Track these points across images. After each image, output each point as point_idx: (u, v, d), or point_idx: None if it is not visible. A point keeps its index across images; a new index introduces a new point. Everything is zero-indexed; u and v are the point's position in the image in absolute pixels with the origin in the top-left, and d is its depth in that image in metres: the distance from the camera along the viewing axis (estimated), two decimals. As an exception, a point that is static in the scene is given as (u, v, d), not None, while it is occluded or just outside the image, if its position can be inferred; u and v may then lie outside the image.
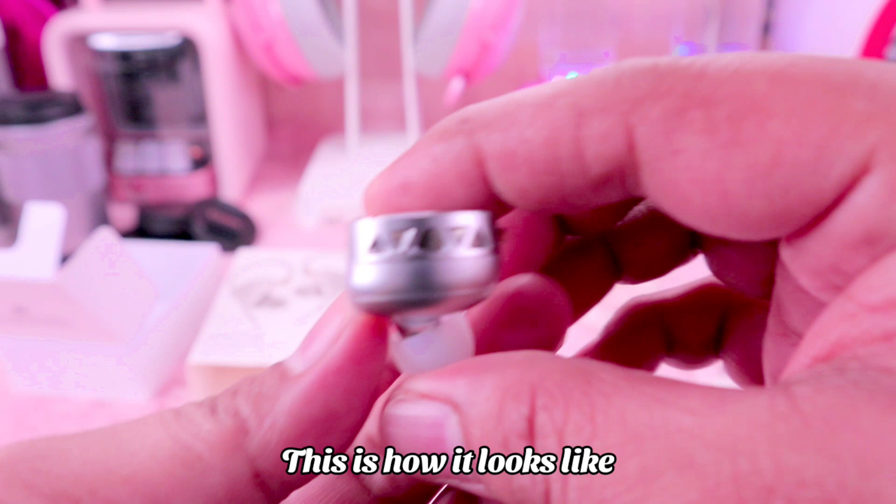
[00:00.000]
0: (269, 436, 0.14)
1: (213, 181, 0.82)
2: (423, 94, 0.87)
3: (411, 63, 0.78)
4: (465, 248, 0.14)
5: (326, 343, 0.15)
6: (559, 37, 0.82)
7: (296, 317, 0.53)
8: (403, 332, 0.16)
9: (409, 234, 0.14)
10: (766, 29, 0.89)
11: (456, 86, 0.77)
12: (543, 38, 0.83)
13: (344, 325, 0.15)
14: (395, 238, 0.14)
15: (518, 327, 0.18)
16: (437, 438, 0.13)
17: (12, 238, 0.69)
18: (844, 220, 0.12)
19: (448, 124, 0.15)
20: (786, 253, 0.14)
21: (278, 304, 0.56)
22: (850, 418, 0.11)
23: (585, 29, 0.82)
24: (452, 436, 0.13)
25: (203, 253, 0.62)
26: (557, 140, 0.14)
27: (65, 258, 0.54)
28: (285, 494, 0.15)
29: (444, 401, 0.13)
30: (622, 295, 0.20)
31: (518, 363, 0.13)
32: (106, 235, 0.48)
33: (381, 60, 0.93)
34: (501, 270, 0.15)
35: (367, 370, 0.15)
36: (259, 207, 0.82)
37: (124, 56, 0.79)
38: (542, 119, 0.14)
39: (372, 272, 0.14)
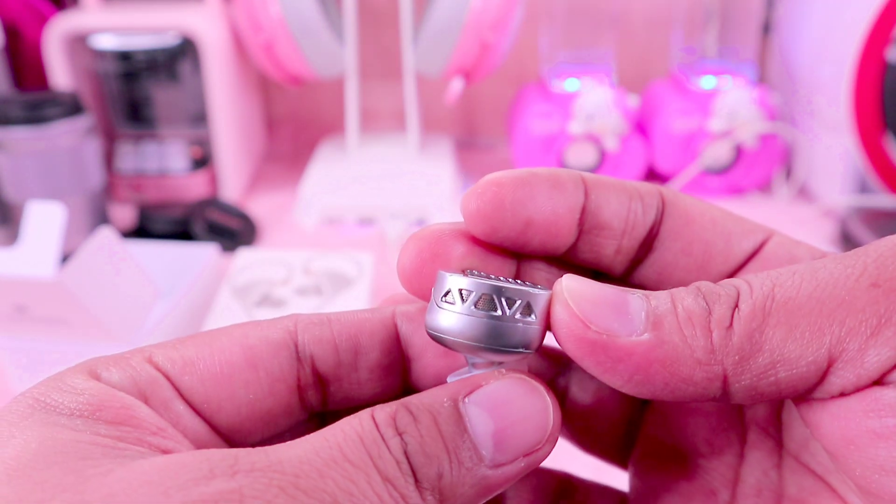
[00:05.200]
0: None
1: (213, 181, 0.82)
2: (423, 94, 0.87)
3: (411, 63, 0.78)
4: (518, 315, 0.17)
5: (528, 448, 0.17)
6: (559, 37, 0.82)
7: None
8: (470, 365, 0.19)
9: (477, 296, 0.17)
10: (766, 29, 0.89)
11: (456, 86, 0.77)
12: (543, 38, 0.84)
13: (545, 436, 0.17)
14: (468, 295, 0.18)
15: None
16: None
17: (12, 238, 0.69)
18: None
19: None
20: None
21: (278, 304, 0.56)
22: None
23: (585, 29, 0.82)
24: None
25: (203, 253, 0.62)
26: None
27: (65, 258, 0.54)
28: None
29: None
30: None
31: None
32: (107, 234, 0.48)
33: (381, 60, 0.93)
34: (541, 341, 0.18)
35: None
36: (259, 207, 0.82)
37: (124, 56, 0.79)
38: None
39: (444, 317, 0.18)
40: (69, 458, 0.14)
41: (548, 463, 0.23)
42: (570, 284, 0.17)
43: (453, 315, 0.17)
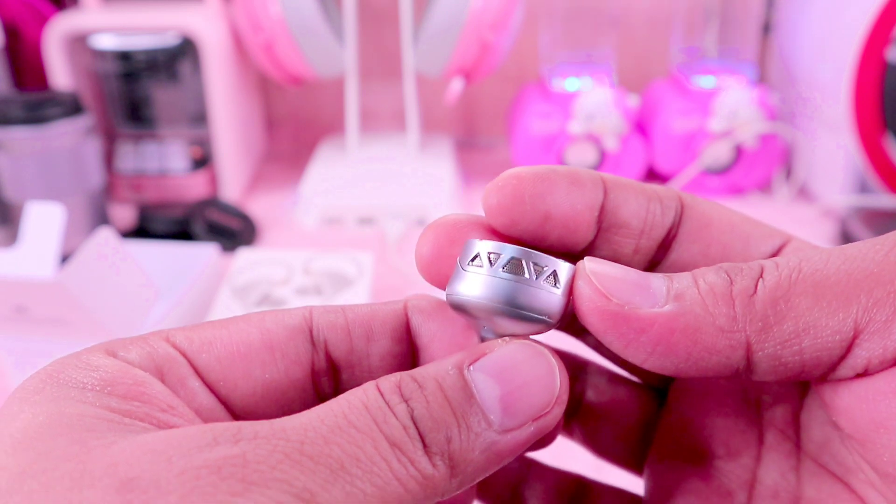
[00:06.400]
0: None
1: (213, 181, 0.82)
2: (423, 94, 0.87)
3: (411, 63, 0.78)
4: (543, 282, 0.18)
5: (537, 411, 0.17)
6: (559, 37, 0.82)
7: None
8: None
9: (506, 259, 0.18)
10: (766, 29, 0.89)
11: (456, 86, 0.77)
12: (543, 38, 0.84)
13: (553, 398, 0.17)
14: (496, 259, 0.18)
15: None
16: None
17: (12, 238, 0.69)
18: None
19: None
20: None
21: (278, 305, 0.56)
22: None
23: (585, 29, 0.82)
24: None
25: (203, 253, 0.62)
26: None
27: (64, 258, 0.54)
28: None
29: None
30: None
31: None
32: (106, 235, 0.48)
33: (381, 60, 0.93)
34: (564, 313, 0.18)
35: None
36: (259, 207, 0.82)
37: (124, 56, 0.79)
38: None
39: (469, 279, 0.18)
40: (74, 430, 0.15)
41: (563, 465, 0.23)
42: (593, 265, 0.18)
43: (479, 277, 0.18)
